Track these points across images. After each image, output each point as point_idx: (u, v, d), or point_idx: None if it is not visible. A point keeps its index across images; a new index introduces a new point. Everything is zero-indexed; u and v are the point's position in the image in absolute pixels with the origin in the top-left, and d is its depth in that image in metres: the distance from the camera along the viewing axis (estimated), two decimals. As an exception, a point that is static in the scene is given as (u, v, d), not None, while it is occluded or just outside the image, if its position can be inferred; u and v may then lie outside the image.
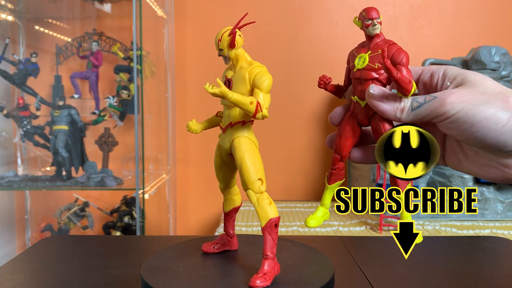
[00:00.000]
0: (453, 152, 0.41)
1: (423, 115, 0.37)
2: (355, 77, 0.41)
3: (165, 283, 0.41)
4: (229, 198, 0.50)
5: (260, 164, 0.43)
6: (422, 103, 0.37)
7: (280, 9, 1.49)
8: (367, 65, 0.40)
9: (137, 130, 1.21)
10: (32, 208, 1.53)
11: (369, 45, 0.41)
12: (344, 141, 0.42)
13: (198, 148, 1.53)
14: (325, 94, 1.50)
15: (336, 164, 0.43)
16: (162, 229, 1.50)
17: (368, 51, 0.41)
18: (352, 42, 1.47)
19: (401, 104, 0.38)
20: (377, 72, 0.39)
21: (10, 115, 1.32)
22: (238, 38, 0.44)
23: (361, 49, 0.42)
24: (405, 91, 0.36)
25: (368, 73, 0.40)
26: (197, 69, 1.51)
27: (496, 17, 1.48)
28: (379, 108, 0.38)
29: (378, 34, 0.40)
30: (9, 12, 1.43)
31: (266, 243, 0.42)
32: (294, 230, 1.06)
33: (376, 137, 0.40)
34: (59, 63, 1.41)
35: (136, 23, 1.16)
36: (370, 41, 0.41)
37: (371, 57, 0.40)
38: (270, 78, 0.42)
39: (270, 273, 0.41)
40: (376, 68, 0.39)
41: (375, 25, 0.40)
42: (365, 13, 0.40)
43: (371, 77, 0.40)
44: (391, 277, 0.51)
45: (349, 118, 0.43)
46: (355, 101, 0.42)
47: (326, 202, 0.45)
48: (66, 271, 0.51)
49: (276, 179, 1.51)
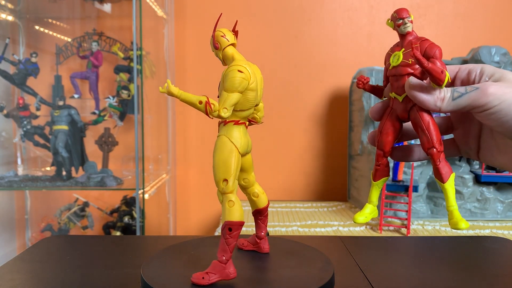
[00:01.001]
0: (488, 147, 0.42)
1: (463, 105, 0.37)
2: (391, 74, 0.43)
3: (165, 283, 0.41)
4: (249, 198, 0.49)
5: (229, 165, 0.41)
6: (463, 93, 0.37)
7: (280, 9, 1.49)
8: (402, 61, 0.42)
9: (137, 130, 1.21)
10: (32, 208, 1.53)
11: (402, 43, 0.43)
12: (386, 136, 0.44)
13: (198, 148, 1.53)
14: (325, 94, 1.50)
15: (380, 160, 0.44)
16: (162, 229, 1.50)
17: (402, 49, 0.42)
18: (352, 42, 1.47)
19: (441, 94, 0.38)
20: (411, 68, 0.41)
21: (10, 115, 1.32)
22: (220, 39, 0.44)
23: (395, 48, 0.44)
24: (438, 81, 0.37)
25: (403, 69, 0.41)
26: (197, 69, 1.51)
27: (496, 17, 1.47)
28: (419, 98, 0.39)
29: (410, 32, 0.43)
30: (9, 12, 1.43)
31: (219, 246, 0.41)
32: (294, 230, 1.06)
33: (416, 130, 0.42)
34: (59, 63, 1.41)
35: (136, 23, 1.16)
36: (403, 39, 0.43)
37: (405, 54, 0.42)
38: (236, 77, 0.41)
39: (213, 275, 0.40)
40: (410, 63, 0.41)
41: (406, 23, 0.42)
42: (396, 14, 0.43)
43: (406, 72, 0.41)
44: (391, 277, 0.51)
45: (389, 114, 0.44)
46: (393, 97, 0.43)
47: (373, 199, 0.45)
48: (66, 271, 0.51)
49: (276, 179, 1.51)
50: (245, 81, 0.41)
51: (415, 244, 0.67)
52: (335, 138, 1.51)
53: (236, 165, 0.42)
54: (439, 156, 0.40)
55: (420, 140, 0.41)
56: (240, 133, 0.43)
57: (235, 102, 0.41)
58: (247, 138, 0.44)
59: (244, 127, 0.44)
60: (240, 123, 0.43)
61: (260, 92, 0.44)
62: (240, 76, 0.41)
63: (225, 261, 0.41)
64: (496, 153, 0.41)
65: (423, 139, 0.41)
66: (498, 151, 0.41)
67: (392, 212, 1.11)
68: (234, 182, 0.42)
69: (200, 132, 1.52)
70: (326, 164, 1.52)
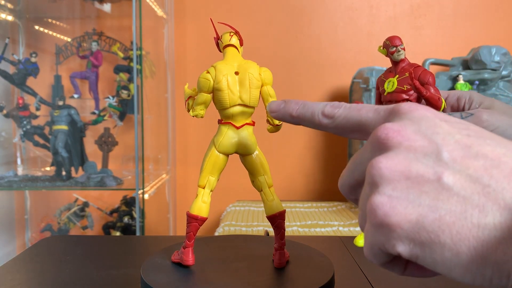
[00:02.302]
0: None
1: None
2: (386, 100, 0.44)
3: (165, 283, 0.41)
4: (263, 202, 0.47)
5: (204, 160, 0.44)
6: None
7: (280, 9, 1.49)
8: (397, 88, 0.43)
9: (137, 130, 1.21)
10: (32, 208, 1.53)
11: (396, 70, 0.44)
12: None
13: (198, 148, 1.53)
14: (325, 94, 1.50)
15: None
16: (162, 229, 1.50)
17: (396, 75, 0.44)
18: (352, 42, 1.47)
19: None
20: (406, 94, 0.42)
21: (10, 115, 1.31)
22: (218, 42, 0.46)
23: (388, 74, 0.45)
24: (435, 107, 0.39)
25: (398, 95, 0.43)
26: (197, 69, 1.51)
27: (496, 17, 1.48)
28: None
29: (403, 59, 0.44)
30: (9, 12, 1.43)
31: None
32: (294, 230, 1.06)
33: None
34: (59, 63, 1.41)
35: (136, 23, 1.16)
36: (396, 66, 0.44)
37: (399, 81, 0.43)
38: (200, 78, 0.43)
39: (177, 256, 0.45)
40: (405, 90, 0.42)
41: (399, 51, 0.43)
42: (389, 42, 0.44)
43: (401, 98, 0.43)
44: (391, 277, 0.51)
45: None
46: None
47: None
48: (66, 271, 0.51)
49: (276, 179, 1.51)
50: (207, 82, 0.42)
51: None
52: (335, 138, 1.51)
53: (208, 161, 0.44)
54: None
55: None
56: (222, 132, 0.43)
57: (199, 102, 0.43)
58: (232, 138, 0.43)
59: (231, 127, 0.43)
60: (223, 122, 0.44)
61: (236, 92, 0.42)
62: (203, 77, 0.42)
63: (184, 246, 0.44)
64: None
65: None
66: None
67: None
68: (204, 177, 0.44)
69: (200, 132, 1.52)
70: (326, 164, 1.52)
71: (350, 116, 0.27)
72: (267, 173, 0.46)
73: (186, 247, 0.44)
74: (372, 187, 0.21)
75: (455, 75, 1.17)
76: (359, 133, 0.27)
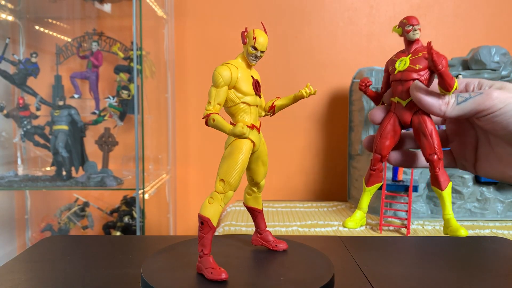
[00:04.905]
0: (486, 158, 0.42)
1: (468, 109, 0.38)
2: (395, 79, 0.43)
3: (165, 283, 0.41)
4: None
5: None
6: (468, 98, 0.38)
7: (280, 9, 1.49)
8: (408, 66, 0.42)
9: (137, 130, 1.21)
10: (32, 208, 1.53)
11: (409, 50, 0.43)
12: (385, 140, 0.43)
13: (198, 148, 1.53)
14: (325, 94, 1.50)
15: (376, 165, 0.44)
16: (162, 229, 1.50)
17: (409, 55, 0.43)
18: (352, 42, 1.47)
19: (446, 99, 0.39)
20: (417, 73, 0.41)
21: (10, 115, 1.32)
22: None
23: (400, 54, 0.44)
24: (448, 86, 0.38)
25: (409, 74, 0.41)
26: (197, 69, 1.51)
27: (496, 17, 1.48)
28: (424, 101, 0.39)
29: (417, 39, 0.43)
30: (9, 12, 1.43)
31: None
32: (294, 230, 1.06)
33: (417, 135, 0.42)
34: (59, 63, 1.41)
35: (136, 23, 1.16)
36: (410, 46, 0.43)
37: (412, 60, 0.42)
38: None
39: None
40: (417, 69, 0.41)
41: (416, 30, 0.42)
42: (405, 20, 0.43)
43: (412, 77, 0.41)
44: (391, 277, 0.51)
45: (390, 118, 0.44)
46: (395, 102, 0.43)
47: (363, 206, 0.45)
48: (66, 271, 0.51)
49: (276, 179, 1.51)
50: None
51: (415, 244, 0.67)
52: (335, 138, 1.51)
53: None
54: (439, 164, 0.41)
55: (421, 146, 0.41)
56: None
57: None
58: None
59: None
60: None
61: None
62: None
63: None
64: (496, 164, 0.41)
65: (425, 145, 0.41)
66: (497, 161, 0.41)
67: (392, 212, 1.11)
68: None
69: (200, 132, 1.52)
70: (326, 164, 1.52)
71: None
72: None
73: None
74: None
75: (455, 75, 1.17)
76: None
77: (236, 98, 0.44)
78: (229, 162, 0.43)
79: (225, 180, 0.42)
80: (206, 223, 0.42)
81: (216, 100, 0.43)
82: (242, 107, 0.44)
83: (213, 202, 0.42)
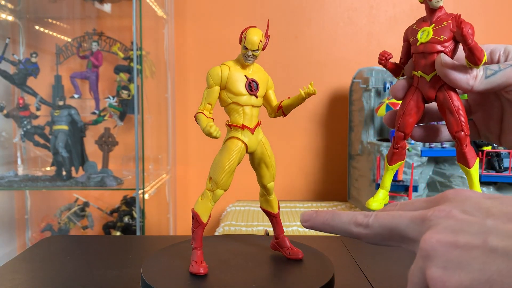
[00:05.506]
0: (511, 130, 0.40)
1: (497, 82, 0.36)
2: (418, 51, 0.40)
3: (165, 283, 0.41)
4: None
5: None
6: (497, 71, 0.36)
7: (280, 9, 1.49)
8: (432, 38, 0.39)
9: (137, 130, 1.21)
10: (32, 208, 1.53)
11: (432, 19, 0.40)
12: (409, 117, 0.41)
13: (198, 148, 1.53)
14: (325, 94, 1.50)
15: (399, 143, 0.42)
16: (162, 229, 1.50)
17: (432, 25, 0.40)
18: (352, 42, 1.47)
19: (473, 72, 0.37)
20: (442, 45, 0.38)
21: (10, 115, 1.32)
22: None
23: (422, 24, 0.41)
24: (477, 60, 0.36)
25: (432, 46, 0.39)
26: (197, 69, 1.51)
27: (496, 17, 1.48)
28: (451, 76, 0.37)
29: (441, 7, 0.40)
30: (9, 12, 1.43)
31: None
32: (294, 230, 1.06)
33: (442, 110, 0.39)
34: (59, 63, 1.41)
35: (136, 23, 1.16)
36: (432, 15, 0.40)
37: (435, 30, 0.39)
38: None
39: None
40: (442, 40, 0.38)
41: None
42: None
43: (436, 50, 0.38)
44: (391, 277, 0.51)
45: (413, 94, 0.41)
46: (418, 76, 0.40)
47: (386, 184, 0.43)
48: (66, 271, 0.51)
49: (276, 179, 1.51)
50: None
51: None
52: (335, 138, 1.51)
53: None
54: (466, 140, 0.38)
55: (447, 122, 0.39)
56: None
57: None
58: None
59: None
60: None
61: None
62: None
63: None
64: None
65: (451, 122, 0.39)
66: None
67: (392, 212, 1.10)
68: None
69: (200, 132, 1.52)
70: (326, 164, 1.52)
71: (385, 223, 0.28)
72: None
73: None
74: (426, 260, 0.24)
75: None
76: (396, 240, 0.28)
77: (228, 98, 0.44)
78: (217, 161, 0.44)
79: (213, 178, 0.44)
80: (195, 217, 0.44)
81: (206, 100, 0.44)
82: (233, 107, 0.45)
83: (203, 199, 0.44)
